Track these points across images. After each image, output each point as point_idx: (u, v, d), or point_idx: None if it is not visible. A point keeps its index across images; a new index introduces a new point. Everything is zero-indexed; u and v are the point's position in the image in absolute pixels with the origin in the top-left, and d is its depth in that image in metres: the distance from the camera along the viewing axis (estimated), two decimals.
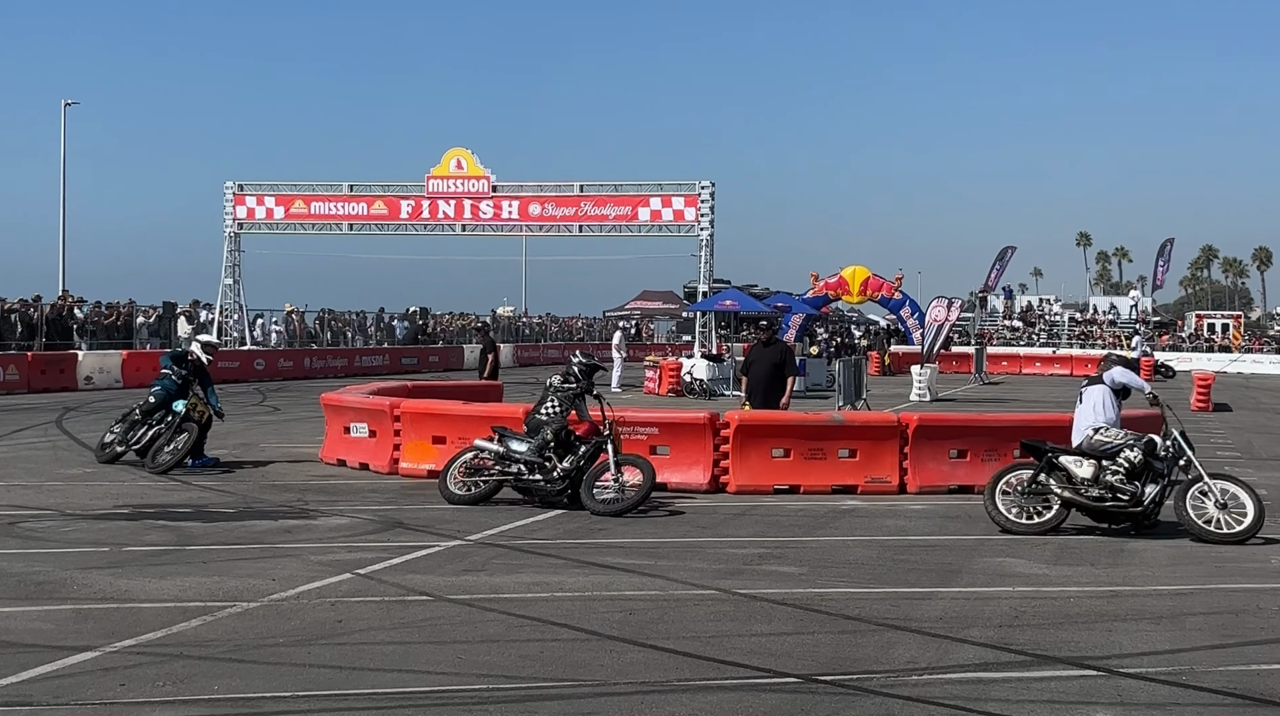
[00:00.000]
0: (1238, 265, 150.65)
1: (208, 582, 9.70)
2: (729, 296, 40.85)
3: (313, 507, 13.66)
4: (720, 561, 10.99)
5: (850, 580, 10.33)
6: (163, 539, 11.64)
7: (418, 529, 12.44)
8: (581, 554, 11.27)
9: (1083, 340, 73.22)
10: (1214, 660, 7.93)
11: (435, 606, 9.11)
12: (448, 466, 14.33)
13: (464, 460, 14.20)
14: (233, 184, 44.41)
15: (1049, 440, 13.30)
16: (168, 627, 8.29)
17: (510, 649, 7.97)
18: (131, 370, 35.96)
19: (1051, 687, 7.31)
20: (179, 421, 16.66)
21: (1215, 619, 9.11)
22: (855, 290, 42.13)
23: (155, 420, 16.86)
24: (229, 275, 44.79)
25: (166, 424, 16.72)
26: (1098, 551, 11.86)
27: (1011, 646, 8.21)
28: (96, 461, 17.12)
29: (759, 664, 7.67)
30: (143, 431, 16.86)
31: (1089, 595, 9.88)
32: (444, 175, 42.62)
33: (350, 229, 44.17)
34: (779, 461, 15.55)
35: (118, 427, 17.27)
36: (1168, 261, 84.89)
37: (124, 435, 17.01)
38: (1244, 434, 25.91)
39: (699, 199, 40.79)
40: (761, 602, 9.38)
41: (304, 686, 7.07)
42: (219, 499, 14.26)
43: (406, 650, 7.92)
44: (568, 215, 42.42)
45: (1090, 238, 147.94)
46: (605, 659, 7.74)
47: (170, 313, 43.89)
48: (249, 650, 7.81)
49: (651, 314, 70.55)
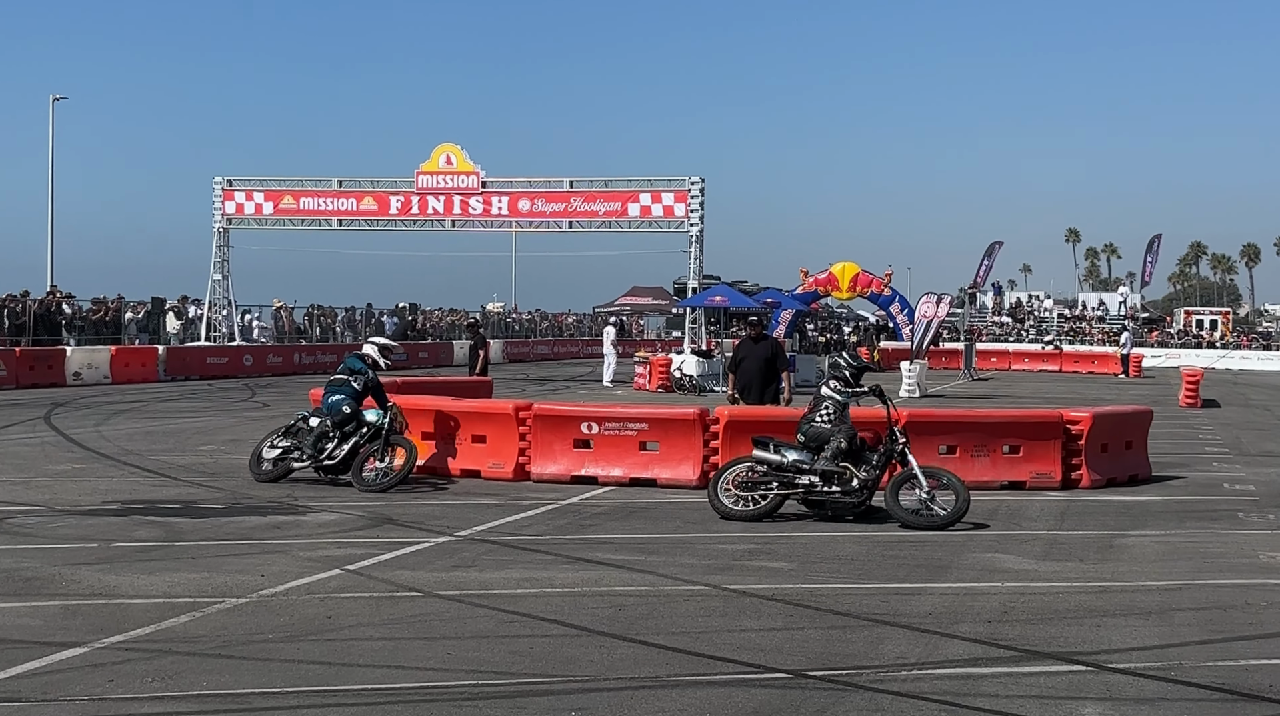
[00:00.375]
0: (1226, 262, 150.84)
1: (196, 578, 9.69)
2: (719, 292, 40.86)
3: (302, 503, 13.64)
4: (710, 557, 10.99)
5: (839, 575, 10.34)
6: (151, 535, 11.61)
7: (407, 525, 12.43)
8: (571, 549, 11.27)
9: (1072, 336, 73.39)
10: (1202, 655, 7.95)
11: (425, 602, 9.11)
12: (717, 477, 13.39)
13: (736, 471, 13.23)
14: (221, 179, 44.29)
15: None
16: (156, 623, 8.27)
17: (500, 644, 7.97)
18: (120, 366, 35.92)
19: (1040, 683, 7.32)
20: (387, 435, 14.92)
21: (1203, 614, 9.13)
22: (845, 286, 42.10)
23: (348, 433, 15.07)
24: (218, 271, 44.68)
25: (363, 436, 15.02)
26: (1086, 547, 11.88)
27: (1001, 641, 8.23)
28: (255, 480, 15.09)
29: (748, 659, 7.67)
30: (332, 446, 15.02)
31: (1078, 590, 9.90)
32: (433, 171, 42.54)
33: (339, 225, 44.07)
34: None
35: (281, 441, 15.37)
36: (1156, 258, 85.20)
37: (312, 448, 15.03)
38: (1232, 430, 25.98)
39: (689, 195, 40.77)
40: (751, 598, 9.38)
41: (293, 682, 7.06)
42: (208, 495, 14.23)
43: (396, 646, 7.91)
44: (557, 211, 42.38)
45: (1079, 234, 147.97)
46: (595, 654, 7.74)
47: (159, 308, 43.82)
48: (238, 646, 7.80)
49: (641, 310, 70.50)
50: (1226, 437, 24.05)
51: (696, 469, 15.32)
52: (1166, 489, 16.18)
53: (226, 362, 40.98)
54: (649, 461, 15.53)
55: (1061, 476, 15.82)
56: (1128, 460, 16.85)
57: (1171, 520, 13.64)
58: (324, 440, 15.09)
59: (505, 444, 15.85)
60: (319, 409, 15.56)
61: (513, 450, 15.78)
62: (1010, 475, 15.75)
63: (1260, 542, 12.19)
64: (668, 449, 15.54)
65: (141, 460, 17.39)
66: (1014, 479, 15.71)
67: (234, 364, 41.21)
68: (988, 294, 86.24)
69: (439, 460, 16.20)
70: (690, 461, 15.41)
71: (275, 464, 15.27)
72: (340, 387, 15.41)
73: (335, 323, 53.66)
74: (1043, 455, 15.88)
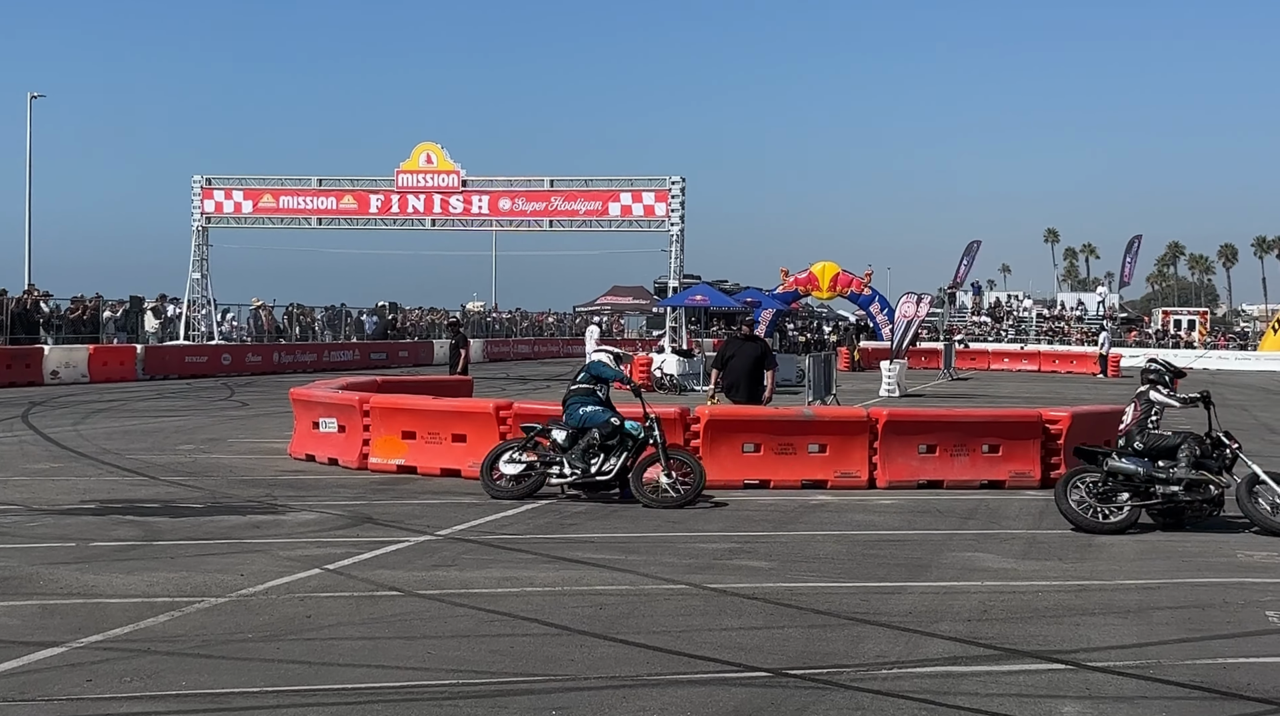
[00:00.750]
0: (1204, 262, 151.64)
1: (175, 578, 9.65)
2: (699, 292, 40.95)
3: (281, 503, 13.60)
4: (690, 556, 11.00)
5: (820, 574, 10.36)
6: (130, 534, 11.56)
7: (387, 524, 12.40)
8: (552, 549, 11.26)
9: (1051, 336, 73.64)
10: (1181, 654, 7.98)
11: (405, 601, 9.09)
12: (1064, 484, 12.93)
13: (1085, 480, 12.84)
14: (200, 178, 44.13)
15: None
16: (135, 623, 8.23)
17: (480, 644, 7.96)
18: (98, 364, 35.74)
19: (1020, 681, 7.34)
20: (661, 446, 14.01)
21: (1182, 613, 9.17)
22: (825, 286, 42.33)
23: (611, 446, 14.20)
24: (197, 269, 44.52)
25: (629, 449, 14.17)
26: (1065, 546, 11.92)
27: (980, 640, 8.25)
28: (491, 496, 14.09)
29: (729, 658, 7.68)
30: (602, 460, 14.11)
31: (1057, 589, 9.93)
32: (414, 170, 42.48)
33: (319, 223, 43.98)
34: (749, 456, 15.57)
35: (523, 455, 14.29)
36: (1134, 258, 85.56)
37: (582, 462, 14.06)
38: None
39: (670, 194, 40.80)
40: (731, 597, 9.39)
41: (273, 681, 7.03)
42: (187, 494, 14.17)
43: (376, 645, 7.89)
44: (538, 210, 42.35)
45: (1058, 234, 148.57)
46: (575, 653, 7.74)
47: (137, 307, 43.63)
48: (217, 645, 7.77)
49: (622, 309, 70.59)
50: None
51: None
52: None
53: (205, 362, 40.84)
54: None
55: (1041, 475, 15.87)
56: None
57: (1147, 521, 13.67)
58: (591, 453, 14.15)
59: (486, 443, 15.77)
60: (559, 421, 14.51)
61: None
62: (990, 474, 15.80)
63: (1237, 542, 12.25)
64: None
65: (120, 459, 17.31)
66: (993, 478, 15.77)
67: (213, 363, 41.07)
68: (967, 294, 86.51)
69: (419, 459, 16.17)
70: None
71: (520, 480, 14.22)
72: (587, 397, 14.51)
73: (315, 322, 53.50)
74: (1022, 454, 15.94)
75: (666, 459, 13.90)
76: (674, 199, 40.72)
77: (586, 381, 14.71)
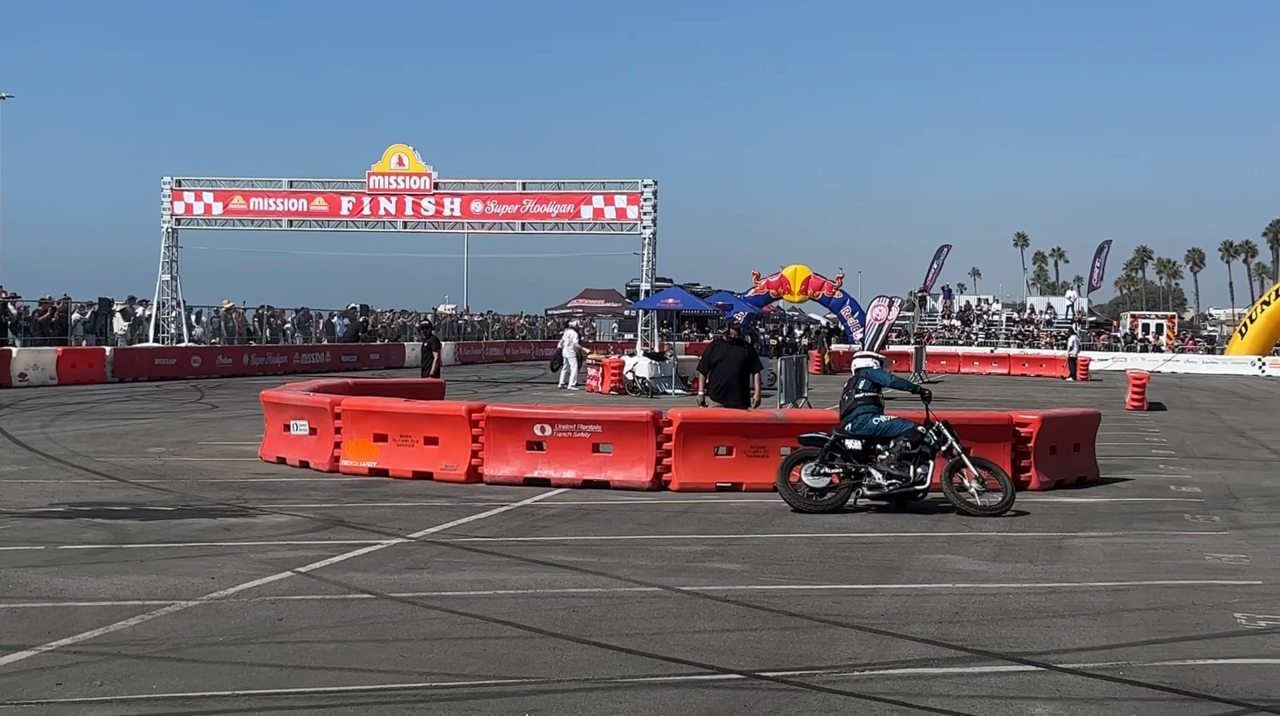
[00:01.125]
0: (1171, 266, 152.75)
1: (146, 581, 9.59)
2: (671, 295, 40.96)
3: (252, 505, 13.54)
4: (663, 558, 11.00)
5: (792, 577, 10.38)
6: (99, 537, 11.49)
7: (359, 527, 12.37)
8: (524, 551, 11.25)
9: (1020, 339, 74.00)
10: (1150, 655, 8.03)
11: (377, 604, 9.06)
12: None
13: None
14: (170, 179, 43.92)
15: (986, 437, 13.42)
16: (105, 626, 8.18)
17: (453, 646, 7.94)
18: (67, 367, 35.49)
19: (991, 682, 7.38)
20: (958, 450, 14.07)
21: (1151, 615, 9.23)
22: (796, 289, 42.31)
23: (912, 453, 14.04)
24: (166, 271, 44.32)
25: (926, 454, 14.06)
26: (1036, 548, 11.98)
27: (952, 642, 8.28)
28: (794, 508, 13.80)
29: (702, 660, 7.68)
30: (918, 468, 13.99)
31: (1028, 591, 9.98)
32: (385, 172, 42.39)
33: (290, 225, 43.83)
34: (721, 459, 15.59)
35: (826, 468, 13.94)
36: (1104, 262, 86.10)
37: (899, 471, 13.86)
38: (1178, 433, 26.26)
39: (642, 197, 40.84)
40: (704, 600, 9.40)
41: (244, 685, 7.00)
42: (157, 497, 14.10)
43: (348, 648, 7.87)
44: (510, 213, 42.33)
45: (1028, 238, 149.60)
46: (548, 656, 7.73)
47: (106, 309, 43.36)
48: (188, 649, 7.73)
49: (594, 312, 70.60)
50: (1172, 440, 24.31)
51: (650, 471, 15.33)
52: (1114, 491, 16.34)
53: (175, 364, 40.61)
54: (602, 463, 15.53)
55: (1012, 478, 15.92)
56: (1076, 462, 17.01)
57: (1119, 521, 13.77)
58: (907, 461, 13.99)
59: (458, 446, 15.80)
60: (842, 430, 14.17)
61: (465, 452, 15.73)
62: None
63: (1206, 544, 12.34)
64: (621, 451, 15.53)
65: (89, 462, 17.20)
66: None
67: (182, 365, 40.84)
68: (937, 297, 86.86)
69: (391, 462, 16.13)
70: (644, 463, 15.41)
71: (827, 493, 13.91)
72: (875, 406, 14.34)
73: (285, 324, 53.29)
74: (993, 457, 15.96)
75: (973, 464, 14.08)
76: (646, 202, 40.76)
77: (869, 389, 14.47)
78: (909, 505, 13.99)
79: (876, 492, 13.93)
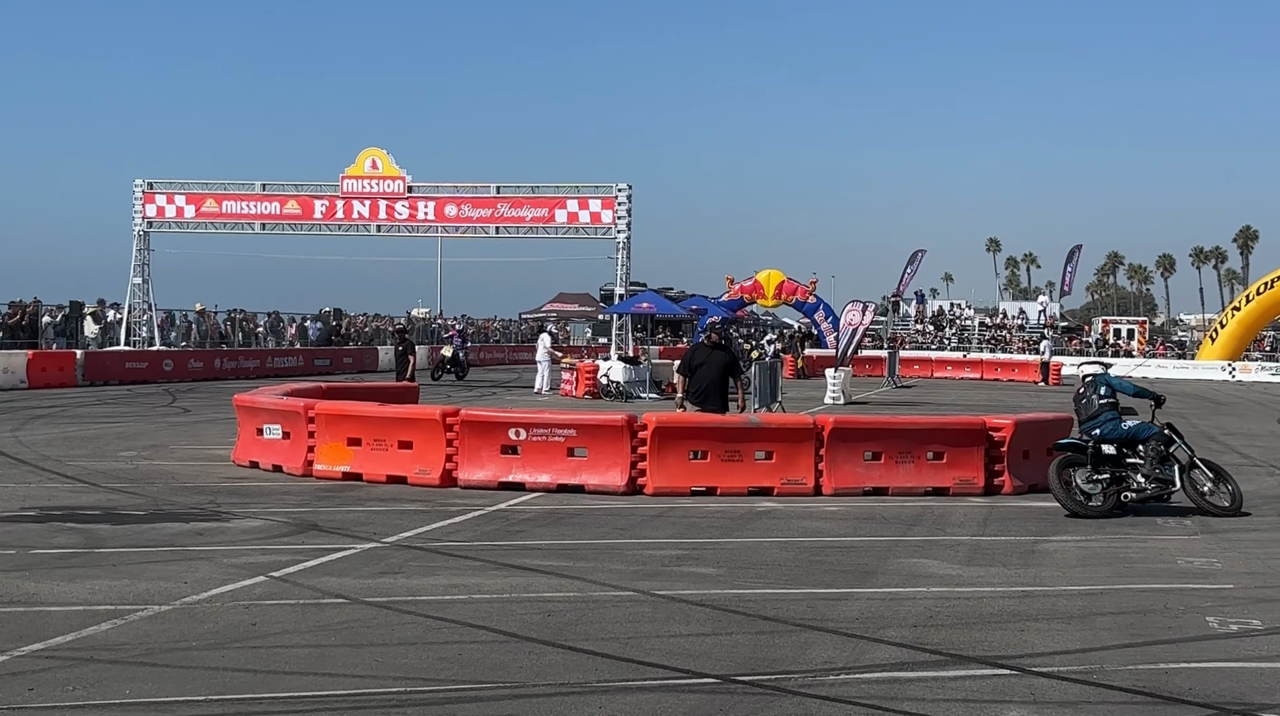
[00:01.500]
0: (1142, 272, 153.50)
1: (118, 586, 9.54)
2: (645, 299, 41.00)
3: (225, 510, 13.48)
4: (638, 563, 11.00)
5: (767, 581, 10.39)
6: (71, 541, 11.41)
7: (333, 531, 12.32)
8: (499, 555, 11.23)
9: (993, 344, 74.28)
10: (1123, 659, 8.07)
11: (351, 609, 9.03)
12: None
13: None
14: (142, 182, 43.74)
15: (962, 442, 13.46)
16: (77, 631, 8.13)
17: (428, 651, 7.92)
18: (37, 370, 35.26)
19: (966, 686, 7.40)
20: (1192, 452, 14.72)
21: (1124, 618, 9.28)
22: (770, 293, 42.50)
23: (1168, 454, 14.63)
24: (138, 274, 44.13)
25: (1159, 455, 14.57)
26: (1009, 552, 12.03)
27: (926, 646, 8.30)
28: (1070, 513, 14.31)
29: (677, 664, 7.68)
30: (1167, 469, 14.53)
31: (1002, 595, 10.02)
32: (359, 175, 42.32)
33: (263, 228, 43.72)
34: (696, 463, 15.61)
35: (1097, 473, 14.43)
36: (1075, 268, 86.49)
37: (1161, 474, 14.42)
38: None
39: (616, 201, 40.88)
40: (679, 604, 9.40)
41: (218, 690, 6.97)
42: (129, 501, 14.02)
43: (322, 653, 7.84)
44: (484, 216, 42.30)
45: (1000, 243, 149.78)
46: (524, 660, 7.72)
47: (77, 312, 43.12)
48: (161, 653, 7.69)
49: (568, 316, 70.38)
50: None
51: (624, 475, 15.33)
52: None
53: (146, 367, 40.35)
54: (577, 467, 15.52)
55: (984, 482, 16.02)
56: (1049, 466, 17.05)
57: (1091, 526, 13.83)
58: (1164, 464, 14.48)
59: (432, 450, 15.76)
60: (1094, 435, 14.60)
61: (440, 456, 15.70)
62: (934, 481, 15.92)
63: (1177, 548, 12.41)
64: (596, 455, 15.53)
65: (60, 466, 17.09)
66: (938, 485, 15.89)
67: (154, 368, 40.60)
68: (910, 302, 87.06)
69: (365, 466, 16.08)
70: (618, 467, 15.41)
71: (1095, 498, 14.40)
72: (1117, 411, 14.78)
73: (258, 327, 53.07)
74: (966, 461, 16.07)
75: (1204, 464, 14.79)
76: (620, 206, 40.81)
77: (1109, 395, 14.90)
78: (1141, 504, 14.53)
79: (1141, 495, 14.49)
